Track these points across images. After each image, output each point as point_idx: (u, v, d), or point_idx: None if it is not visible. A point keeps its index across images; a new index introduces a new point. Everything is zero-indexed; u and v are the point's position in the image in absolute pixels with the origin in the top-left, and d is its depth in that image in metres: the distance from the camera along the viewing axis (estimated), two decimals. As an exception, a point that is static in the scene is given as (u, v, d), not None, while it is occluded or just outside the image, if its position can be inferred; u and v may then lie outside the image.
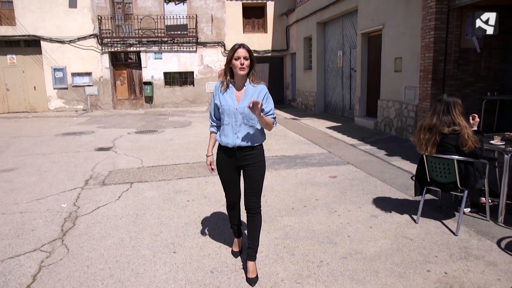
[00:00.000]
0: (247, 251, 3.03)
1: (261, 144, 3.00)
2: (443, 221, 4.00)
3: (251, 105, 2.59)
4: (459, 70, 7.61)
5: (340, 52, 12.76)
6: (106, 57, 17.30)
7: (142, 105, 18.32)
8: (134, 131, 11.13)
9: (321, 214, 4.28)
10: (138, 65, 18.00)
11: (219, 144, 3.02)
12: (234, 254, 3.35)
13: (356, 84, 11.25)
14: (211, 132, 3.11)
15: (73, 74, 17.20)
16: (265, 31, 18.72)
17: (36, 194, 5.24)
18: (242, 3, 18.21)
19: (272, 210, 4.44)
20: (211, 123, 3.09)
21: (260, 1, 18.38)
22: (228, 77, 2.88)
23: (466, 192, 3.70)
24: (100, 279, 3.01)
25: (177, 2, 18.04)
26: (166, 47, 17.76)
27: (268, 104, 2.88)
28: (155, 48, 17.67)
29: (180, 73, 18.36)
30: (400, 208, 4.39)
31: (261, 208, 3.05)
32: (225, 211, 3.66)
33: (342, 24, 12.53)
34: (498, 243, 3.47)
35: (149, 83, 17.73)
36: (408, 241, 3.56)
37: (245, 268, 3.08)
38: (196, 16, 17.71)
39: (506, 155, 3.78)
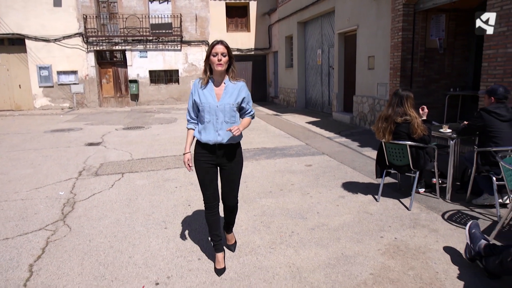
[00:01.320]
0: (224, 226, 3.35)
1: (239, 142, 3.04)
2: (400, 199, 4.60)
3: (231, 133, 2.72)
4: (425, 68, 8.27)
5: (320, 51, 13.37)
6: (91, 56, 17.54)
7: (128, 103, 18.62)
8: (122, 127, 11.51)
9: (295, 196, 4.83)
10: (123, 63, 18.28)
11: (197, 141, 3.01)
12: (218, 272, 3.01)
13: (334, 81, 11.88)
14: (189, 129, 3.08)
15: (59, 73, 17.39)
16: (248, 30, 19.23)
17: (34, 184, 5.65)
18: (226, 3, 18.67)
19: (252, 193, 4.97)
20: (189, 120, 3.07)
21: (243, 1, 18.86)
22: (208, 74, 2.89)
23: (417, 173, 4.30)
24: (102, 250, 3.49)
25: (161, 1, 18.38)
26: (151, 46, 18.10)
27: (249, 103, 2.97)
28: (141, 47, 17.99)
29: (165, 71, 18.72)
30: (365, 190, 4.97)
31: (239, 198, 3.23)
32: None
33: (321, 24, 13.13)
34: (443, 215, 4.08)
35: (134, 81, 18.05)
36: (368, 215, 4.14)
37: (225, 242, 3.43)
38: (181, 15, 18.08)
39: (451, 141, 4.40)
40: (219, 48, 2.77)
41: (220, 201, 3.14)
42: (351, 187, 5.13)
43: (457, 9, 8.07)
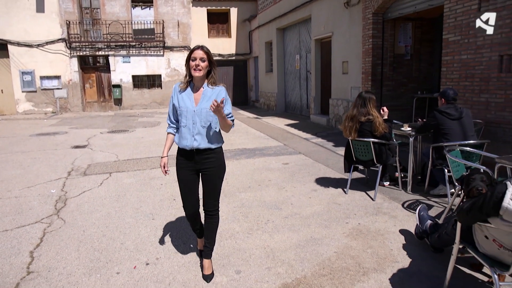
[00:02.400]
0: (204, 249, 3.10)
1: (221, 147, 2.98)
2: (367, 192, 5.09)
3: (213, 107, 2.59)
4: (394, 72, 8.88)
5: (298, 56, 13.92)
6: (75, 61, 17.69)
7: (112, 107, 18.80)
8: (107, 131, 11.77)
9: (272, 190, 5.28)
10: (107, 68, 18.48)
11: (178, 148, 2.99)
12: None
13: (311, 85, 12.43)
14: (168, 133, 3.08)
15: (42, 78, 17.47)
16: (229, 35, 19.69)
17: (25, 183, 5.94)
18: (207, 9, 19.11)
19: (232, 188, 5.40)
20: (169, 125, 3.06)
21: (224, 8, 19.34)
22: (188, 78, 2.88)
23: (381, 167, 4.81)
24: (95, 238, 3.86)
25: (143, 7, 18.71)
26: (134, 51, 18.36)
27: (227, 107, 2.85)
28: (124, 52, 18.23)
29: (148, 76, 19.00)
30: (336, 184, 5.46)
31: (219, 207, 3.11)
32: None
33: (299, 31, 13.69)
34: (403, 204, 4.59)
35: (118, 86, 18.27)
36: (336, 205, 4.62)
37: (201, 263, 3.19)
38: (163, 21, 18.42)
39: (410, 138, 4.93)
40: (198, 53, 2.75)
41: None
42: (323, 182, 5.61)
43: (422, 18, 8.72)
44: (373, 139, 4.64)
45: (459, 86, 6.05)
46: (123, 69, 18.42)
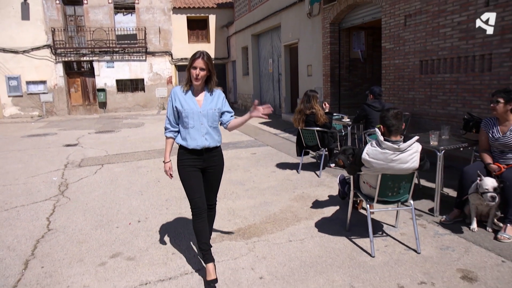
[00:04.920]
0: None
1: (220, 145, 3.13)
2: (316, 172, 6.28)
3: (259, 111, 2.88)
4: (350, 74, 10.16)
5: (271, 60, 15.13)
6: (60, 66, 18.50)
7: (96, 110, 19.66)
8: (94, 131, 12.72)
9: (239, 172, 6.43)
10: (91, 73, 19.34)
11: (182, 148, 3.01)
12: (209, 283, 2.86)
13: (282, 87, 13.66)
14: (168, 138, 3.05)
15: (28, 82, 18.22)
16: (208, 41, 20.81)
17: (29, 174, 6.93)
18: (187, 16, 20.18)
19: (206, 172, 6.53)
20: (169, 129, 3.04)
21: (203, 15, 20.45)
22: (189, 82, 2.94)
23: (324, 150, 6.01)
24: (97, 208, 4.93)
25: (125, 13, 19.65)
26: (117, 57, 19.29)
27: (228, 107, 3.08)
28: (107, 58, 19.14)
29: (131, 80, 19.94)
30: (292, 167, 6.64)
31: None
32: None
33: (271, 37, 14.91)
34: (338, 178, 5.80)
35: (102, 90, 19.15)
36: (289, 181, 5.79)
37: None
38: (145, 28, 19.41)
39: (348, 128, 6.16)
40: (199, 63, 2.82)
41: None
42: (282, 165, 6.79)
43: (374, 27, 10.01)
44: (316, 128, 5.85)
45: (394, 85, 7.34)
46: (107, 74, 19.31)
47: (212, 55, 20.66)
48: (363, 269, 3.04)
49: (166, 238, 3.87)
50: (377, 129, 3.26)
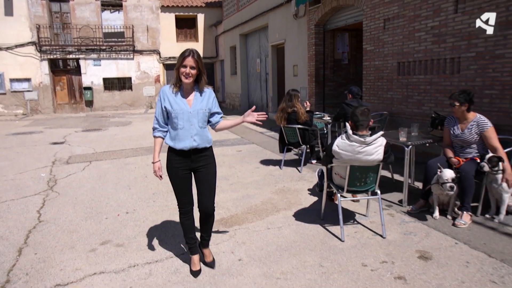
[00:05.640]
0: (201, 241, 3.22)
1: (211, 145, 3.09)
2: (298, 168, 6.56)
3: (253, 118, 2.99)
4: (334, 74, 10.47)
5: (258, 60, 15.39)
6: (45, 64, 18.45)
7: (83, 108, 19.65)
8: (81, 130, 12.80)
9: (224, 168, 6.67)
10: (77, 71, 19.32)
11: (170, 149, 2.98)
12: (194, 273, 3.04)
13: (270, 86, 13.93)
14: (157, 137, 3.00)
15: (12, 80, 18.11)
16: (197, 40, 20.97)
17: (17, 170, 7.05)
18: (175, 15, 20.31)
19: (193, 168, 6.75)
20: (158, 129, 2.99)
21: (191, 14, 20.61)
22: (178, 82, 2.88)
23: (305, 147, 6.30)
24: (86, 201, 5.11)
25: (112, 11, 19.69)
26: (104, 55, 19.31)
27: (218, 107, 3.06)
28: (94, 56, 19.15)
29: (118, 78, 19.99)
30: (275, 163, 6.91)
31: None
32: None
33: (259, 37, 15.16)
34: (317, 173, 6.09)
35: (89, 88, 19.16)
36: (271, 176, 6.06)
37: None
38: (133, 26, 19.48)
39: (329, 125, 6.45)
40: (189, 61, 2.77)
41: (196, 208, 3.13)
42: (266, 162, 7.06)
43: (358, 29, 10.33)
44: (298, 125, 6.12)
45: (374, 86, 7.67)
46: (94, 72, 19.33)
47: (201, 54, 20.75)
48: (333, 252, 3.33)
49: (153, 228, 4.10)
50: (347, 124, 3.56)
